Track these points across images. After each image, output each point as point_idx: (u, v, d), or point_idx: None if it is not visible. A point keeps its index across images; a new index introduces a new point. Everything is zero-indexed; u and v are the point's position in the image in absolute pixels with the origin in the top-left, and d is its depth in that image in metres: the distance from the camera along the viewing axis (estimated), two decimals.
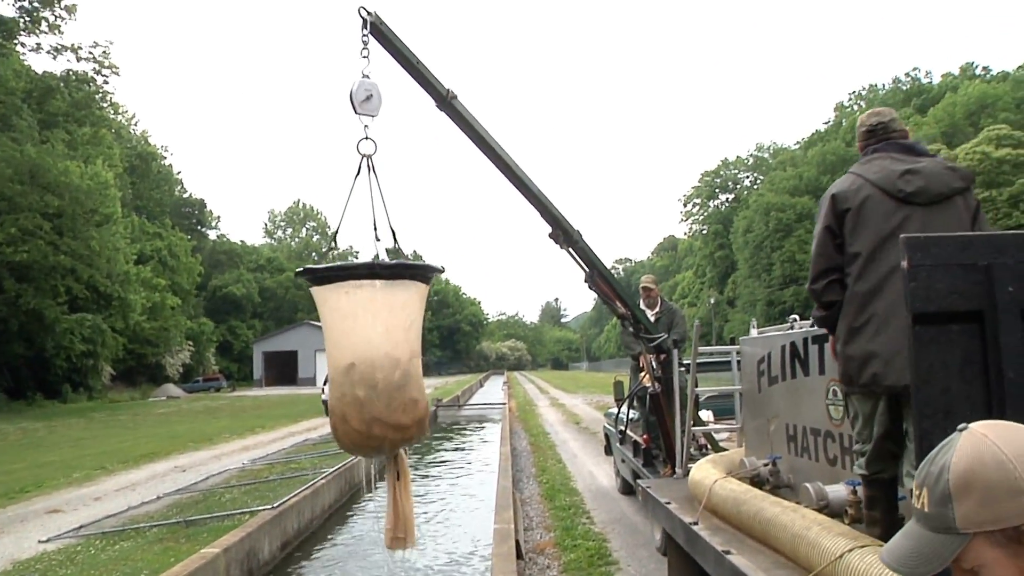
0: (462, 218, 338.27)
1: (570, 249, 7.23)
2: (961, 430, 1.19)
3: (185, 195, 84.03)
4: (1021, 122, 63.14)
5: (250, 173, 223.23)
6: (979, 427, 1.17)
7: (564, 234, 7.08)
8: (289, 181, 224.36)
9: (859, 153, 3.89)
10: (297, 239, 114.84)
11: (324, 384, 26.46)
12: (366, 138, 4.42)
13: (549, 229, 7.13)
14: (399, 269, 3.91)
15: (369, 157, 4.36)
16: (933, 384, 2.32)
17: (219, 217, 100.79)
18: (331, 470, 13.08)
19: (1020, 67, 76.38)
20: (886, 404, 3.48)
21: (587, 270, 7.43)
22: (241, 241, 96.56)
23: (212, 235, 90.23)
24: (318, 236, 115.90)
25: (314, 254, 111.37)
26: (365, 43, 5.02)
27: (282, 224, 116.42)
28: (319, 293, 3.99)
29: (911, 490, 2.90)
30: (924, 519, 1.18)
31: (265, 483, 12.93)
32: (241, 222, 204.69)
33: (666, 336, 8.02)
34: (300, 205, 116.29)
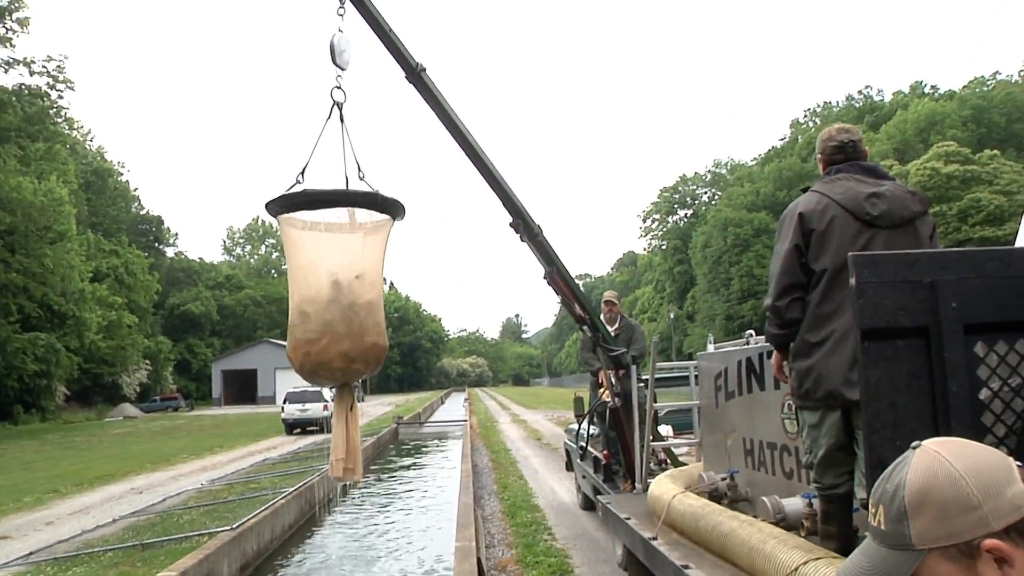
0: (422, 235, 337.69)
1: (530, 243, 7.26)
2: (914, 448, 1.20)
3: (142, 212, 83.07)
4: (968, 139, 64.60)
5: (209, 190, 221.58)
6: (932, 444, 1.19)
7: (524, 225, 7.10)
8: (248, 198, 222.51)
9: (819, 165, 3.95)
10: (256, 256, 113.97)
11: (284, 403, 26.27)
12: (338, 87, 4.63)
13: (510, 219, 7.15)
14: (369, 197, 4.08)
15: (340, 105, 4.57)
16: (881, 399, 2.37)
17: (177, 234, 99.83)
18: (291, 489, 12.95)
19: (966, 86, 78.27)
20: (838, 418, 3.53)
21: (547, 267, 7.46)
22: (199, 258, 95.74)
23: (170, 252, 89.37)
24: (277, 253, 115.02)
25: (274, 271, 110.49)
26: (342, 2, 5.13)
27: (241, 241, 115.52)
28: (286, 224, 4.10)
29: (863, 500, 2.94)
30: (881, 536, 1.20)
31: (224, 504, 12.77)
32: (199, 239, 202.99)
33: (626, 351, 8.07)
34: (259, 222, 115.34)
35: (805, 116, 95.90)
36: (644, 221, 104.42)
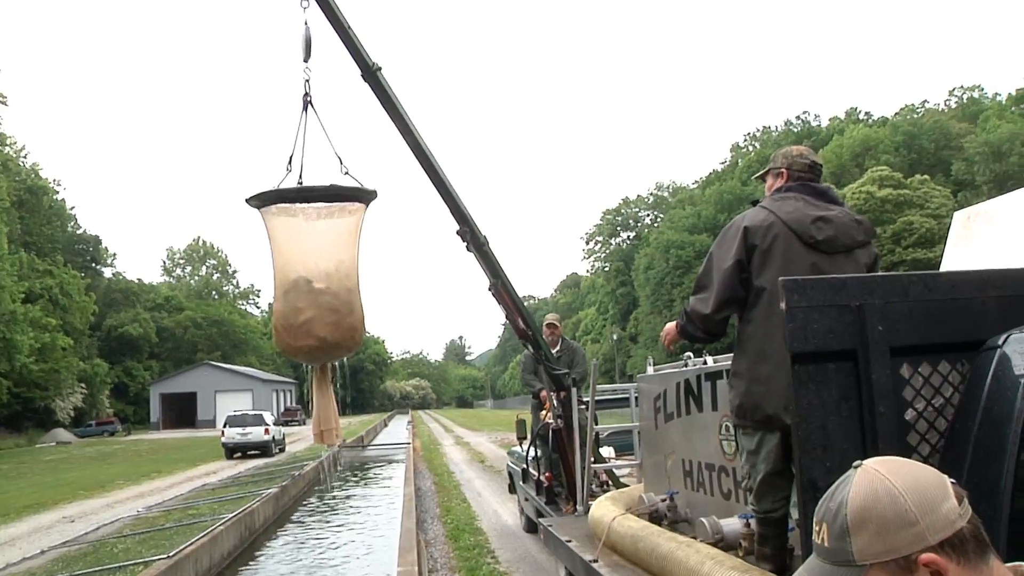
0: (364, 255, 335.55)
1: (476, 253, 7.28)
2: (856, 467, 1.23)
3: (79, 231, 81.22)
4: (900, 164, 66.44)
5: (148, 209, 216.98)
6: (872, 463, 1.22)
7: (471, 234, 7.15)
8: (189, 218, 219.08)
9: (773, 179, 3.94)
10: (197, 277, 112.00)
11: (225, 426, 25.90)
12: (306, 80, 5.03)
13: (457, 227, 7.20)
14: (333, 190, 4.47)
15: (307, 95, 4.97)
16: (812, 421, 2.41)
17: (115, 254, 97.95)
18: (230, 515, 12.71)
19: (897, 113, 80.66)
20: (776, 443, 3.53)
21: (492, 279, 7.48)
22: (138, 279, 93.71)
23: (107, 273, 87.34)
24: (218, 274, 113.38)
25: (214, 293, 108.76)
26: None
27: (181, 262, 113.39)
28: (268, 215, 4.46)
29: (799, 520, 2.98)
30: (824, 553, 1.22)
31: (161, 531, 12.48)
32: (138, 260, 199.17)
33: (568, 372, 8.10)
34: (200, 242, 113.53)
35: (745, 140, 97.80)
36: (587, 243, 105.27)
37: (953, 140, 70.42)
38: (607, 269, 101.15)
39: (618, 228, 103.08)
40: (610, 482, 8.19)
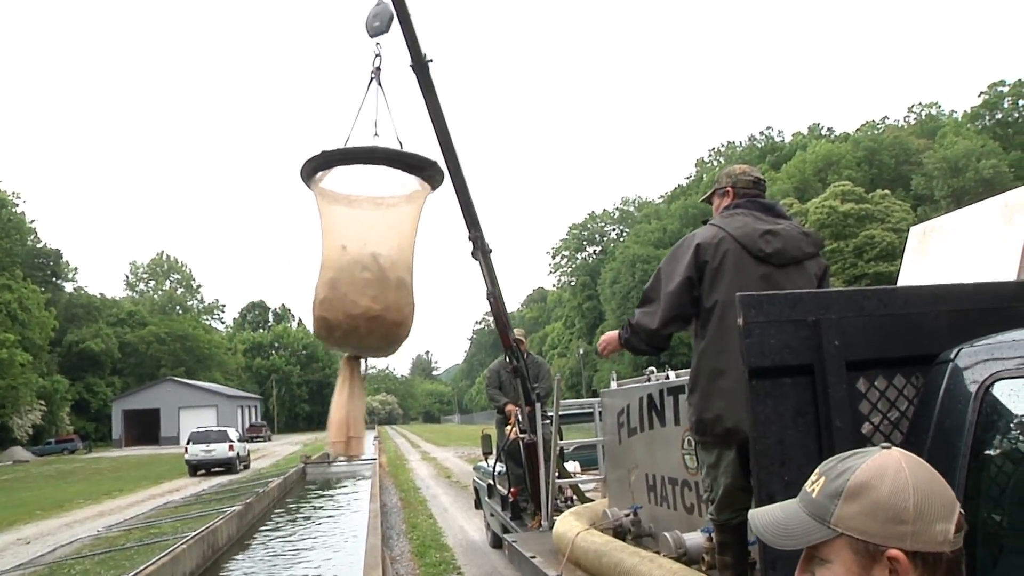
0: None
1: (482, 259, 7.21)
2: (883, 447, 1.24)
3: (39, 245, 79.93)
4: (862, 179, 67.47)
5: (111, 223, 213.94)
6: (899, 452, 1.22)
7: (481, 239, 7.05)
8: (152, 232, 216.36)
9: (719, 198, 4.01)
10: (160, 292, 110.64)
11: (188, 443, 25.56)
12: (377, 55, 4.89)
13: (469, 232, 7.08)
14: (405, 157, 4.26)
15: (378, 71, 4.81)
16: (769, 435, 2.43)
17: (76, 268, 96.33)
18: (193, 534, 12.52)
19: (859, 129, 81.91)
20: (735, 457, 3.57)
21: (491, 287, 7.47)
22: (100, 294, 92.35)
23: (68, 287, 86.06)
24: (182, 289, 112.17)
25: (178, 308, 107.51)
26: None
27: (144, 276, 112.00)
28: (319, 196, 4.22)
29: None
30: (808, 503, 1.23)
31: (121, 551, 12.29)
32: (101, 274, 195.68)
33: (535, 385, 8.11)
34: (164, 257, 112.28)
35: (710, 155, 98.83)
36: (553, 258, 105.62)
37: (912, 156, 71.70)
38: (573, 283, 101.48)
39: (584, 243, 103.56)
40: (575, 497, 8.19)
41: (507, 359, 8.18)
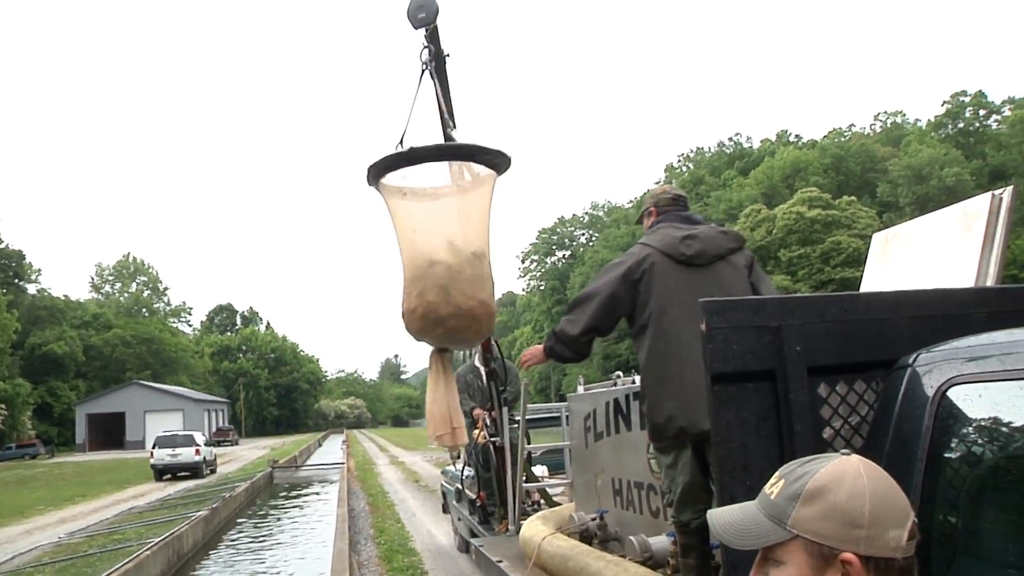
0: (297, 274, 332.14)
1: None
2: (843, 453, 1.26)
3: (1, 246, 78.76)
4: (829, 186, 68.17)
5: (76, 224, 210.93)
6: (857, 458, 1.25)
7: None
8: (118, 233, 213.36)
9: (645, 220, 4.26)
10: (127, 294, 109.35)
11: (154, 447, 25.24)
12: (426, 47, 4.90)
13: None
14: (468, 149, 4.31)
15: (430, 62, 4.85)
16: (732, 440, 2.45)
17: (40, 270, 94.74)
18: (157, 540, 12.39)
19: (826, 136, 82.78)
20: (691, 456, 3.68)
21: None
22: (64, 296, 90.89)
23: (32, 289, 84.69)
24: (149, 291, 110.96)
25: (145, 310, 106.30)
26: None
27: (110, 278, 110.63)
28: (386, 194, 4.27)
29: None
30: (766, 504, 1.25)
31: (83, 558, 12.13)
32: (65, 276, 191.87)
33: (504, 388, 8.10)
34: (130, 259, 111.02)
35: (679, 161, 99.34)
36: (523, 262, 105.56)
37: (878, 163, 72.53)
38: (543, 288, 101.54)
39: (553, 247, 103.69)
40: (543, 501, 8.20)
41: (483, 360, 8.15)
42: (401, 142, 4.45)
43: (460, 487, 10.19)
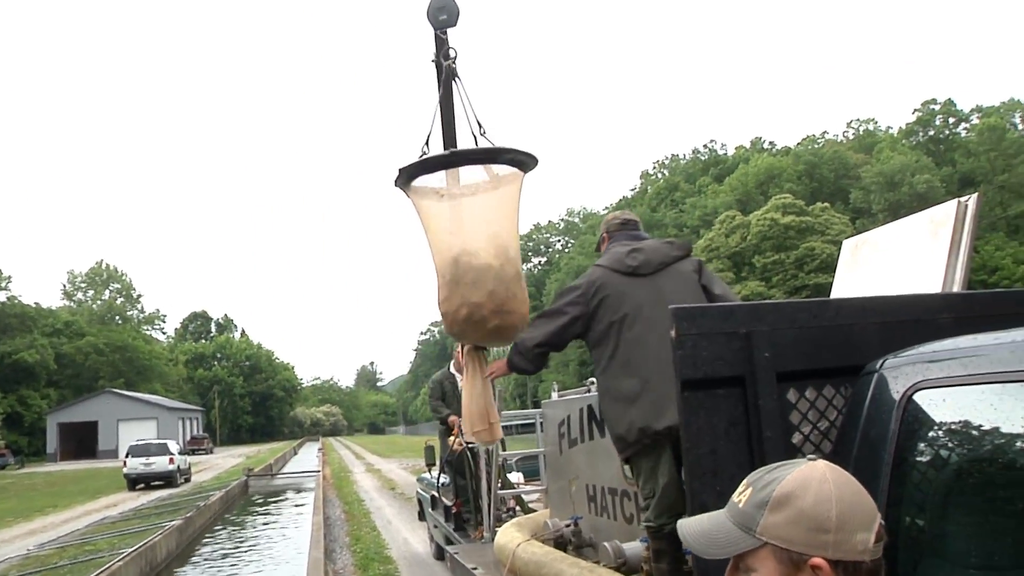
0: (272, 281, 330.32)
1: None
2: (809, 459, 1.28)
3: None
4: (802, 192, 68.70)
5: (47, 231, 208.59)
6: (823, 463, 1.26)
7: None
8: (91, 240, 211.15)
9: (602, 247, 4.37)
10: (100, 302, 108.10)
11: (127, 456, 24.94)
12: (448, 47, 4.87)
13: None
14: (491, 153, 4.34)
15: (453, 64, 4.82)
16: (702, 446, 2.46)
17: (10, 277, 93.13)
18: (130, 550, 12.27)
19: (799, 143, 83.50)
20: (668, 455, 3.72)
21: None
22: (36, 303, 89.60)
23: (1, 297, 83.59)
24: (122, 299, 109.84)
25: (118, 318, 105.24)
26: None
27: (83, 286, 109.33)
28: (413, 195, 4.34)
29: None
30: (735, 513, 1.26)
31: (52, 570, 11.99)
32: (36, 283, 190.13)
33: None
34: (103, 266, 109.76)
35: (654, 167, 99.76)
36: None
37: (851, 170, 73.19)
38: None
39: (529, 253, 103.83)
40: (518, 508, 8.20)
41: (459, 367, 8.13)
42: (427, 143, 4.51)
43: (436, 494, 10.17)
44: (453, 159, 4.33)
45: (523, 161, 4.36)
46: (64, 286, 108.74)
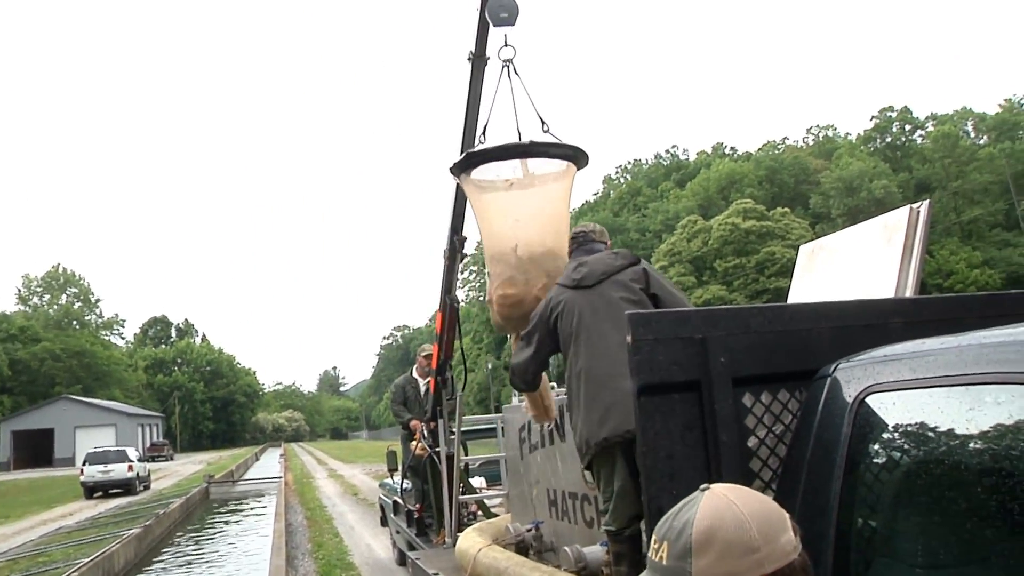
0: (233, 285, 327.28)
1: (450, 263, 7.16)
2: (703, 490, 1.27)
3: None
4: (763, 197, 69.43)
5: (1, 234, 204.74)
6: (720, 488, 1.26)
7: (461, 243, 7.00)
8: (47, 243, 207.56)
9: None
10: (56, 306, 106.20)
11: (84, 464, 24.49)
12: (506, 45, 5.13)
13: (454, 236, 6.97)
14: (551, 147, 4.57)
15: (511, 61, 5.10)
16: (658, 450, 2.47)
17: None
18: (86, 560, 12.07)
19: (760, 149, 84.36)
20: (621, 462, 3.75)
21: (452, 293, 7.47)
22: None
23: None
24: (80, 303, 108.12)
25: (75, 323, 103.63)
26: None
27: (38, 290, 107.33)
28: (468, 185, 4.60)
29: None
30: (661, 571, 1.24)
31: None
32: None
33: (450, 397, 8.08)
34: (60, 270, 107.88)
35: (617, 172, 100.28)
36: (462, 272, 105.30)
37: (811, 175, 74.11)
38: (482, 299, 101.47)
39: None
40: (480, 512, 8.20)
41: (440, 370, 8.08)
42: (484, 133, 4.81)
43: (398, 500, 10.13)
44: (531, 149, 4.57)
45: (578, 157, 4.62)
46: (19, 290, 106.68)
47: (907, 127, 77.04)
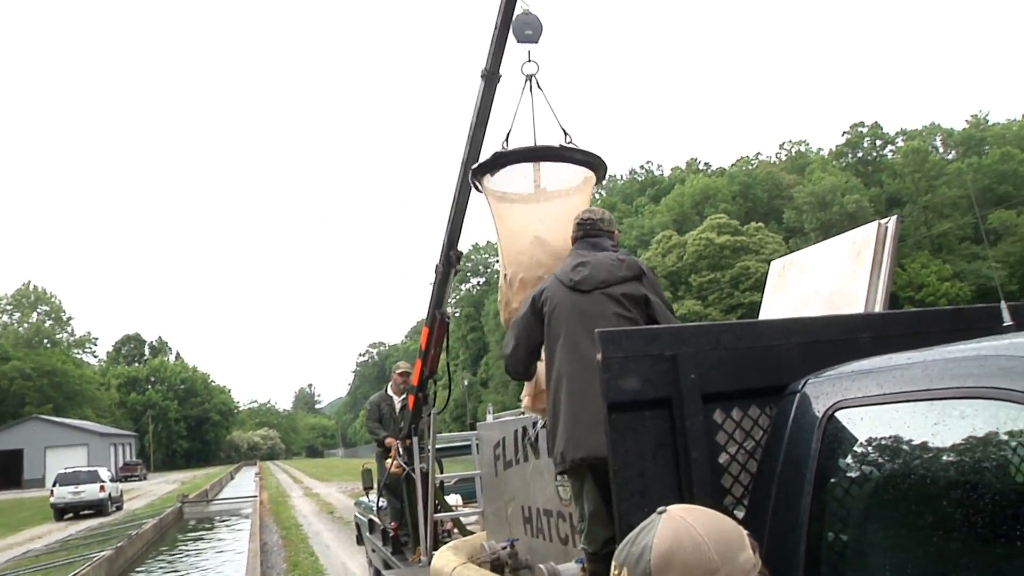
0: (207, 302, 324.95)
1: (442, 278, 6.95)
2: (660, 513, 1.27)
3: None
4: (737, 212, 69.97)
5: None
6: (677, 510, 1.27)
7: (456, 258, 6.82)
8: (17, 261, 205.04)
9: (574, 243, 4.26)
10: (26, 324, 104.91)
11: (55, 485, 24.14)
12: (529, 61, 5.22)
13: (450, 251, 6.80)
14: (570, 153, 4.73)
15: (533, 76, 5.20)
16: (629, 468, 2.48)
17: None
18: None
19: (734, 164, 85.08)
20: (594, 481, 3.71)
21: (442, 308, 7.30)
22: None
23: None
24: (51, 321, 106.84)
25: (46, 341, 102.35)
26: None
27: (8, 308, 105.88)
28: (490, 196, 4.71)
29: None
30: None
31: None
32: None
33: (430, 414, 8.04)
34: (31, 287, 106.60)
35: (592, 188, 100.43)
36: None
37: (784, 190, 74.74)
38: (458, 314, 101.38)
39: (468, 274, 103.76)
40: (456, 530, 8.15)
41: (423, 388, 8.02)
42: (507, 140, 4.85)
43: (374, 518, 10.07)
44: (560, 153, 4.72)
45: (599, 166, 4.77)
46: None
47: (878, 142, 77.91)
